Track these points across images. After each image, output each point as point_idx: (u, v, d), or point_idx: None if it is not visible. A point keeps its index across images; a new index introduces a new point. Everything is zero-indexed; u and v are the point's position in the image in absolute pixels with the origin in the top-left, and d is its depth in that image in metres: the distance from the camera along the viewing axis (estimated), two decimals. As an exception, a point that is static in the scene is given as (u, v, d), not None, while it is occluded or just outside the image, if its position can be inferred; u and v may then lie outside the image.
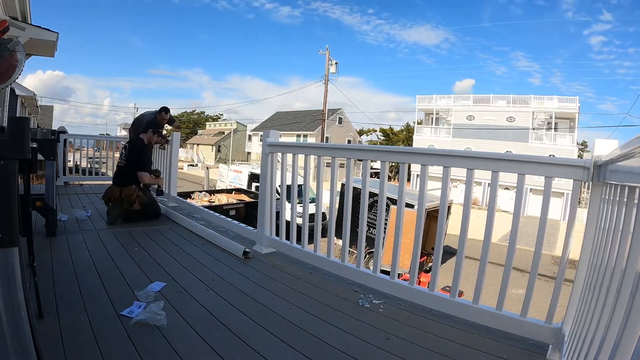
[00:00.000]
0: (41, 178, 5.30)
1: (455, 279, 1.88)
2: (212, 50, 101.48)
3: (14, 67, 3.91)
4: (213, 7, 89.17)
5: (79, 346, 1.46)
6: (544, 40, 64.02)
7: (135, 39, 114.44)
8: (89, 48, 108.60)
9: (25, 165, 1.69)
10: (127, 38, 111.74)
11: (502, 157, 1.73)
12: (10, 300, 0.87)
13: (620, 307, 0.79)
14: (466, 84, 63.77)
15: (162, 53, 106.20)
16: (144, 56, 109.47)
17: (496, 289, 1.75)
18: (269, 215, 2.98)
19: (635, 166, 0.89)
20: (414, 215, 2.07)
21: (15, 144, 0.90)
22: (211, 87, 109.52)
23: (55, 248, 2.71)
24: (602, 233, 1.29)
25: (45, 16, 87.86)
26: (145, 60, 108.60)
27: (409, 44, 76.00)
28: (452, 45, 67.25)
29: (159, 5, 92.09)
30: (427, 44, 72.06)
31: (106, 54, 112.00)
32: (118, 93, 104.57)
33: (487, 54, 68.92)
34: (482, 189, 22.03)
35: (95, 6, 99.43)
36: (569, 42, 57.62)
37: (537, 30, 61.85)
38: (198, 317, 1.79)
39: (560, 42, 62.07)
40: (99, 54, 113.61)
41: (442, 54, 69.99)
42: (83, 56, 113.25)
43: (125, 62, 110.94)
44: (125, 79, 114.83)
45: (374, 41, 78.85)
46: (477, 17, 67.48)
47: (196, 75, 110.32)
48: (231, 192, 9.46)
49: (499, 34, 67.51)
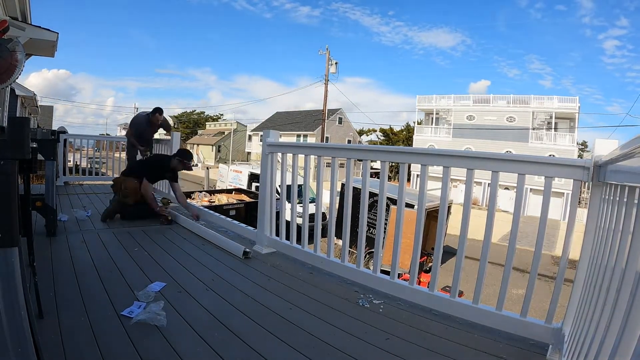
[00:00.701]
0: (41, 178, 5.29)
1: (455, 279, 1.88)
2: (224, 49, 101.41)
3: (14, 67, 3.91)
4: (231, 6, 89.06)
5: (79, 346, 1.46)
6: (558, 43, 63.77)
7: (145, 38, 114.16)
8: (97, 47, 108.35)
9: (25, 165, 1.69)
10: (139, 37, 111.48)
11: (502, 157, 1.73)
12: (10, 300, 0.87)
13: (620, 307, 0.79)
14: (481, 85, 63.50)
15: (172, 52, 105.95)
16: (152, 55, 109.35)
17: (496, 289, 1.75)
18: (269, 215, 2.98)
19: (635, 166, 0.89)
20: (414, 215, 2.07)
21: (15, 144, 0.90)
22: (218, 86, 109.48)
23: (55, 248, 2.72)
24: (602, 233, 1.29)
25: (51, 14, 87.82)
26: (154, 59, 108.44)
27: (425, 45, 75.69)
28: (468, 48, 66.90)
29: (174, 4, 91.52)
30: (443, 46, 71.79)
31: (114, 53, 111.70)
32: (123, 92, 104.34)
33: (502, 56, 68.41)
34: (482, 189, 22.04)
35: (104, 4, 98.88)
36: (582, 45, 57.28)
37: (552, 34, 61.63)
38: (198, 317, 1.79)
39: (574, 45, 61.59)
40: (106, 53, 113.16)
41: (457, 56, 69.73)
42: (90, 55, 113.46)
43: (134, 61, 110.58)
44: (131, 79, 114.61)
45: (390, 42, 78.56)
46: (494, 19, 66.89)
47: (204, 75, 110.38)
48: (231, 192, 9.46)
49: (514, 37, 67.05)
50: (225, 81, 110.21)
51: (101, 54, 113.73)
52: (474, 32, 67.73)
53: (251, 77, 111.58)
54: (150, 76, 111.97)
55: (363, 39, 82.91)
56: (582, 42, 55.28)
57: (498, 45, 67.78)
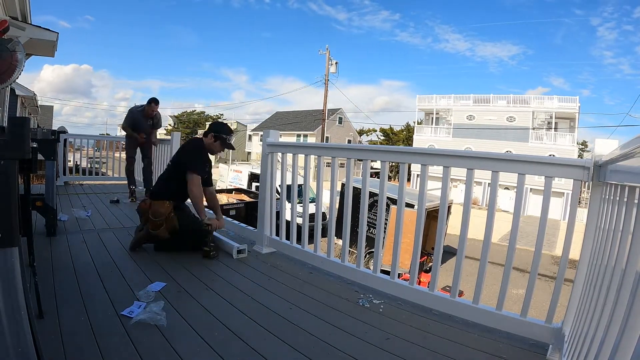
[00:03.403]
0: (41, 178, 5.29)
1: (455, 279, 1.88)
2: (257, 50, 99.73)
3: (14, 67, 3.91)
4: (286, 5, 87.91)
5: (79, 346, 1.46)
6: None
7: (188, 36, 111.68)
8: (135, 46, 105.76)
9: (25, 165, 1.69)
10: (180, 36, 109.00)
11: (502, 157, 1.72)
12: (10, 300, 0.87)
13: (620, 307, 0.79)
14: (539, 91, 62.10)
15: (211, 51, 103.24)
16: (188, 54, 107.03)
17: (496, 289, 1.75)
18: (269, 215, 2.98)
19: (635, 166, 0.89)
20: (414, 215, 2.07)
21: (15, 144, 0.90)
22: (247, 87, 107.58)
23: (55, 248, 2.71)
24: (602, 233, 1.29)
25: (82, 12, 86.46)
26: (191, 58, 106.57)
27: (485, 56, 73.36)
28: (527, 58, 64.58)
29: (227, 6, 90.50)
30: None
31: (137, 51, 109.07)
32: (142, 92, 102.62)
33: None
34: (482, 189, 22.03)
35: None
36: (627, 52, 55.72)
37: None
38: (198, 317, 1.79)
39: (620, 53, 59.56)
40: (131, 51, 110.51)
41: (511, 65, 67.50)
42: (114, 52, 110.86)
43: (171, 59, 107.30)
44: (156, 78, 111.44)
45: (452, 50, 76.97)
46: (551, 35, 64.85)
47: (236, 75, 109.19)
48: (231, 192, 9.48)
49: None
50: (256, 82, 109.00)
51: (138, 54, 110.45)
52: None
53: (285, 78, 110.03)
54: (178, 75, 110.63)
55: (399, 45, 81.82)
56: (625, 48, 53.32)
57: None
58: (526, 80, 69.93)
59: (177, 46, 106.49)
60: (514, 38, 70.60)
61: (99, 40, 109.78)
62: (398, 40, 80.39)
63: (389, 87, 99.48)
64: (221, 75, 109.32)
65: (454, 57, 71.00)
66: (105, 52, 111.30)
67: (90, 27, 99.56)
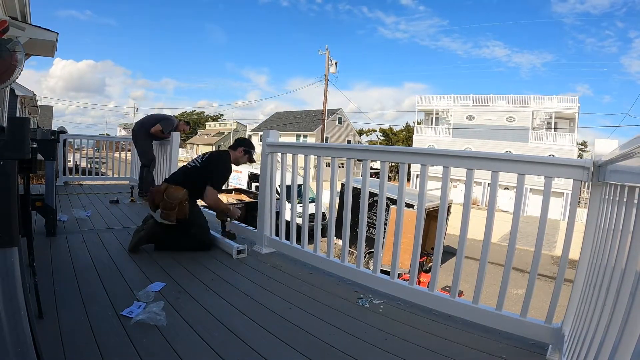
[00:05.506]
0: (41, 178, 5.30)
1: (455, 279, 1.88)
2: (282, 50, 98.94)
3: (14, 67, 3.92)
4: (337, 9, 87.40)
5: (79, 346, 1.46)
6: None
7: (219, 36, 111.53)
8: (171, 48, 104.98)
9: (25, 165, 1.69)
10: (211, 35, 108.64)
11: (502, 157, 1.72)
12: (10, 300, 0.87)
13: (620, 307, 0.79)
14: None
15: (237, 52, 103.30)
16: (218, 53, 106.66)
17: (496, 289, 1.75)
18: (268, 215, 2.98)
19: (635, 166, 0.89)
20: (413, 215, 2.07)
21: (15, 144, 0.90)
22: (266, 87, 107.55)
23: (55, 248, 2.71)
24: (602, 233, 1.29)
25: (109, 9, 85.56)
26: (218, 57, 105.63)
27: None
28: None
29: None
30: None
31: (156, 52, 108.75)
32: (155, 92, 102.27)
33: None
34: (482, 189, 22.04)
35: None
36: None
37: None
38: (198, 317, 1.79)
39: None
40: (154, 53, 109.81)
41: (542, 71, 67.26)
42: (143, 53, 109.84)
43: (195, 60, 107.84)
44: (174, 78, 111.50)
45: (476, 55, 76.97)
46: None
47: (257, 76, 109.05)
48: (231, 192, 9.46)
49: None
50: (277, 83, 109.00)
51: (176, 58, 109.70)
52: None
53: (306, 79, 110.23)
54: (197, 75, 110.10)
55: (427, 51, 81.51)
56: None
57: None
58: (555, 87, 70.04)
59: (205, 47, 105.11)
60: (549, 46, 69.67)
61: (122, 38, 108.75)
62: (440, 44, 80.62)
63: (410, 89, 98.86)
64: (241, 75, 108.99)
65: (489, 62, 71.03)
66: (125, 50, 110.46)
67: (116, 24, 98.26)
